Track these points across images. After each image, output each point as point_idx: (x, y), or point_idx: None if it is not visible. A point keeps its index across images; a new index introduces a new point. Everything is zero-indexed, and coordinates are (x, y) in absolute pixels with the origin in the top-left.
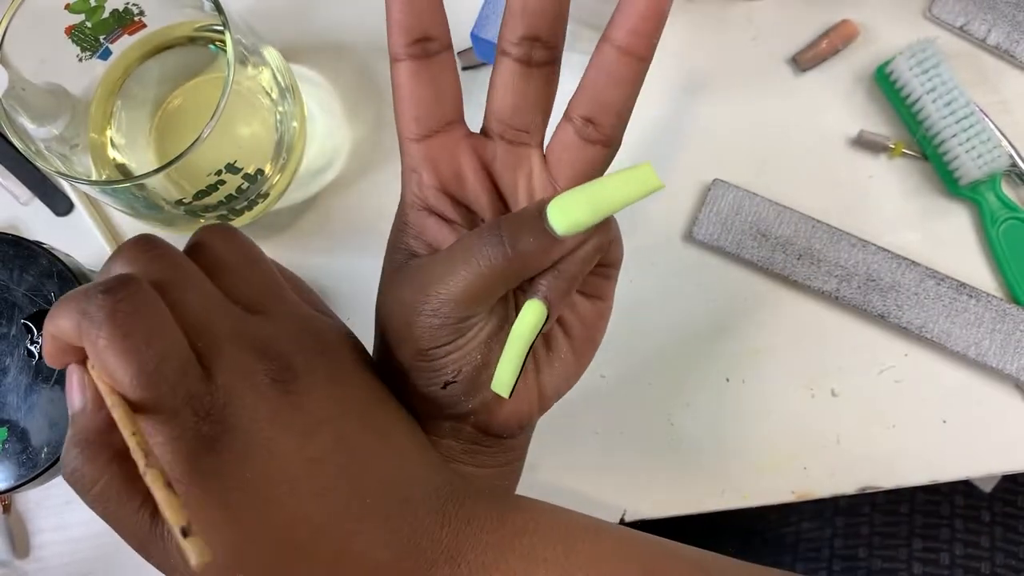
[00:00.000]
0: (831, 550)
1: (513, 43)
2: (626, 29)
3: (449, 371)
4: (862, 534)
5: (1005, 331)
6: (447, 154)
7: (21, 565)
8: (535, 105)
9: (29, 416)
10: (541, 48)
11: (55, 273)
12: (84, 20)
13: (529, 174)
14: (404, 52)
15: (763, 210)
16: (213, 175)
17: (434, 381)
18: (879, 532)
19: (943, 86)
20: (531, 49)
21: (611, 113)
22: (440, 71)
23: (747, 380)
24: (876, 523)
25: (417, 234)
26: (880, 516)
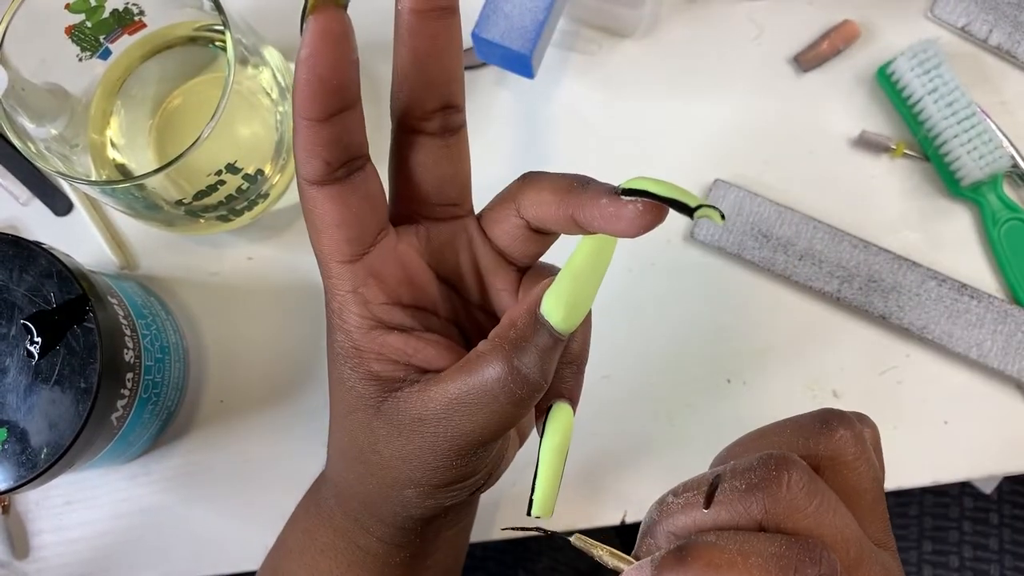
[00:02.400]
0: None
1: (424, 118)
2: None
3: (480, 481)
4: None
5: (1007, 332)
6: (387, 263)
7: (21, 565)
8: (459, 172)
9: (29, 417)
10: (454, 112)
11: (55, 273)
12: (84, 20)
13: (469, 245)
14: (327, 178)
15: (764, 211)
16: (213, 175)
17: (463, 495)
18: None
19: (944, 87)
20: (446, 118)
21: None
22: (368, 183)
23: (748, 381)
24: None
25: (378, 357)
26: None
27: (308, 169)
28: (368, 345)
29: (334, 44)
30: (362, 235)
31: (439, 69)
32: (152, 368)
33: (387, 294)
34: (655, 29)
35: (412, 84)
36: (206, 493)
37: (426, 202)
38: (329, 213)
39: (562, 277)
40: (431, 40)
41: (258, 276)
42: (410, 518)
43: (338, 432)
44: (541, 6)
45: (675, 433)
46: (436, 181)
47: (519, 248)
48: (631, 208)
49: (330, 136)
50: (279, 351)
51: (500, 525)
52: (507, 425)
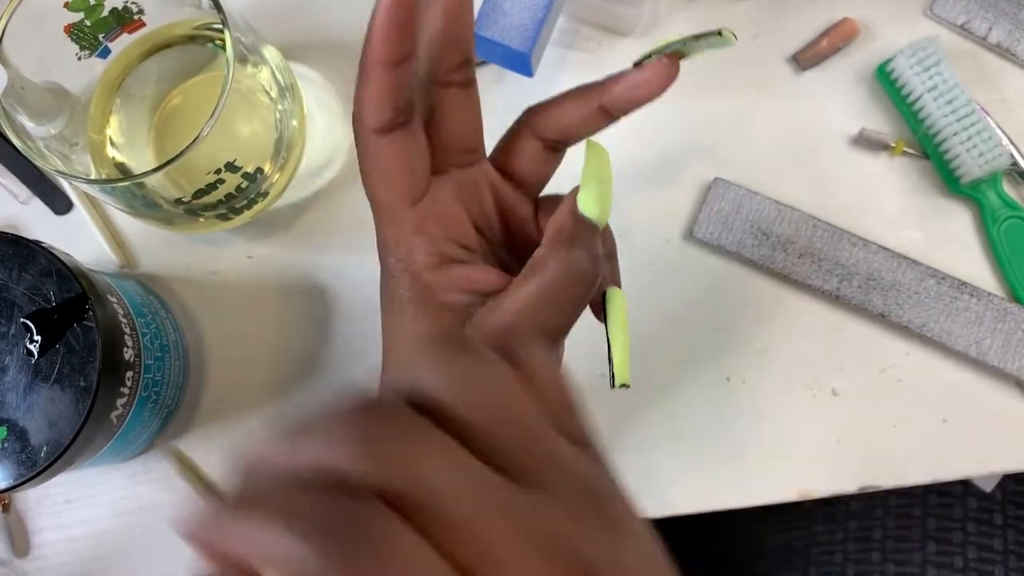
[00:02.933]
0: (844, 554)
1: (452, 71)
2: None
3: None
4: (875, 538)
5: (1006, 330)
6: (441, 204)
7: (21, 564)
8: (478, 119)
9: (28, 415)
10: (471, 65)
11: (54, 272)
12: (83, 19)
13: (491, 185)
14: (392, 124)
15: (764, 209)
16: (212, 174)
17: None
18: (892, 536)
19: (944, 84)
20: (468, 70)
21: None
22: (417, 130)
23: (748, 379)
24: (889, 527)
25: (449, 287)
26: (893, 520)
27: (379, 117)
28: (438, 279)
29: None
30: (422, 178)
31: (463, 26)
32: (152, 366)
33: (445, 231)
34: (654, 28)
35: (443, 41)
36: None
37: (453, 150)
38: (395, 159)
39: (586, 180)
40: (455, 4)
41: (258, 275)
42: None
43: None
44: (540, 4)
45: (674, 432)
46: (461, 130)
47: (537, 170)
48: (655, 66)
49: (401, 81)
50: (279, 350)
51: None
52: (577, 311)
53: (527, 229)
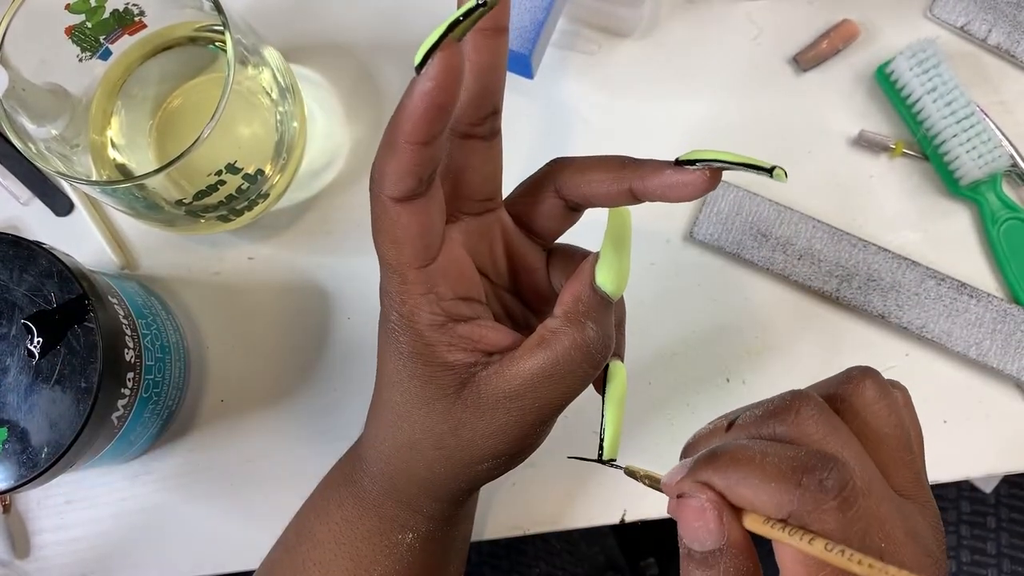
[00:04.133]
0: None
1: (477, 123)
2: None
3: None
4: None
5: (1006, 331)
6: (451, 261)
7: (21, 565)
8: (498, 169)
9: (29, 416)
10: (497, 116)
11: (55, 273)
12: (84, 20)
13: (503, 232)
14: (413, 194)
15: (763, 210)
16: (213, 175)
17: (525, 458)
18: None
19: (943, 86)
20: (494, 122)
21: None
22: (436, 193)
23: (747, 380)
24: None
25: (453, 347)
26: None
27: (400, 188)
28: (441, 339)
29: (456, 79)
30: (435, 242)
31: (494, 79)
32: (153, 368)
33: (453, 290)
34: (655, 29)
35: (472, 94)
36: (206, 493)
37: (469, 200)
38: (412, 226)
39: (606, 251)
40: (491, 55)
41: (258, 276)
42: (464, 492)
43: (405, 427)
44: (540, 6)
45: (674, 432)
46: (480, 180)
47: (555, 226)
48: (697, 175)
49: (429, 157)
50: (279, 351)
51: (494, 525)
52: (583, 387)
53: (536, 278)
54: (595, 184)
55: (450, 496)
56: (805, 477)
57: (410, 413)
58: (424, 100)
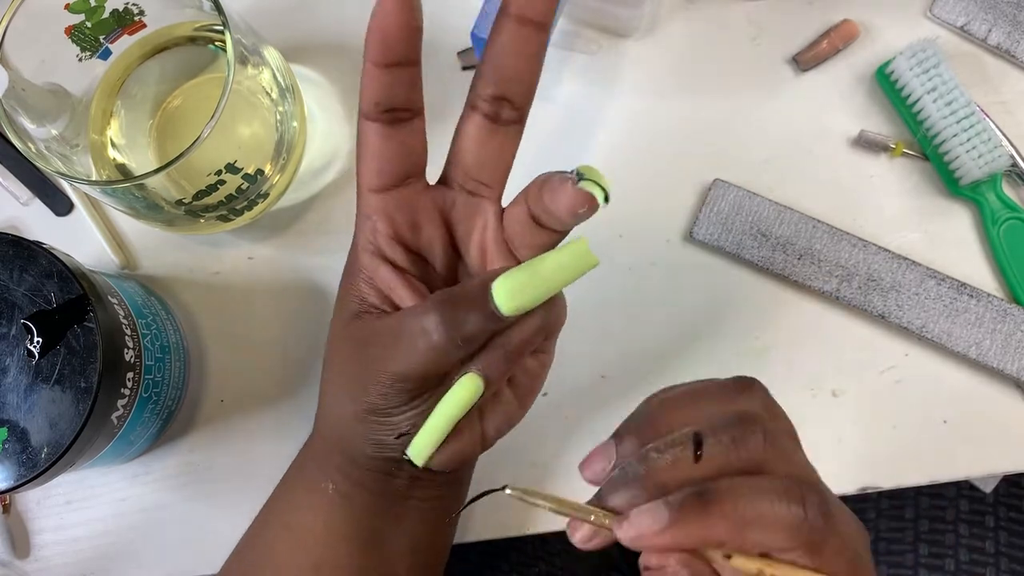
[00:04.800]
0: None
1: (483, 99)
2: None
3: (404, 426)
4: None
5: (1006, 331)
6: (404, 206)
7: (21, 565)
8: (498, 160)
9: (29, 416)
10: (509, 108)
11: (55, 273)
12: (84, 20)
13: (484, 227)
14: (375, 115)
15: (763, 210)
16: (213, 175)
17: (386, 433)
18: (884, 538)
19: (944, 86)
20: (500, 108)
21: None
22: (409, 135)
23: None
24: (881, 529)
25: (368, 279)
26: (885, 522)
27: (364, 105)
28: (366, 265)
29: (402, 10)
30: (391, 172)
31: (509, 66)
32: (152, 367)
33: (394, 230)
34: (655, 29)
35: (485, 69)
36: (206, 492)
37: (463, 172)
38: (370, 144)
39: (525, 264)
40: (515, 42)
41: (258, 276)
42: (362, 454)
43: (328, 348)
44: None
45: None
46: (475, 158)
47: (521, 235)
48: (571, 192)
49: (385, 80)
50: (279, 351)
51: (494, 525)
52: (421, 367)
53: None
54: (532, 190)
55: (350, 452)
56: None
57: (331, 332)
58: (375, 23)
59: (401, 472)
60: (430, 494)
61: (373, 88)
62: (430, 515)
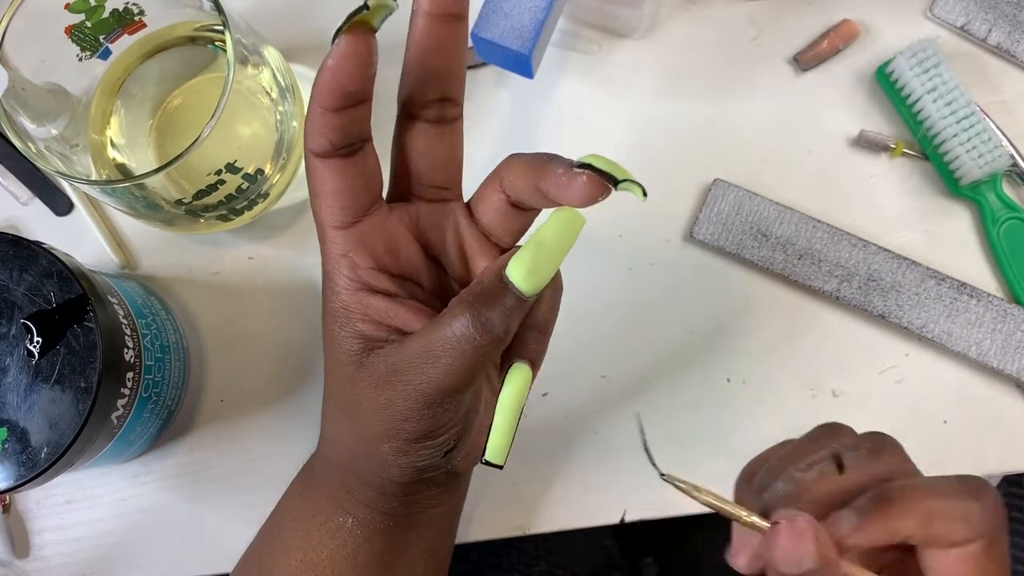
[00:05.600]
0: None
1: (423, 106)
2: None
3: (451, 442)
4: None
5: (1006, 331)
6: (377, 233)
7: (21, 565)
8: (450, 159)
9: (29, 416)
10: (451, 106)
11: (55, 273)
12: (84, 20)
13: (456, 227)
14: (330, 154)
15: (763, 210)
16: (213, 175)
17: (435, 455)
18: None
19: (944, 86)
20: (443, 109)
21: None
22: (365, 162)
23: (747, 380)
24: None
25: (363, 317)
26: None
27: (314, 144)
28: (355, 305)
29: (358, 62)
30: (355, 205)
31: (441, 66)
32: (152, 367)
33: (374, 260)
34: (655, 29)
35: (416, 75)
36: (206, 493)
37: (418, 183)
38: (328, 182)
39: (528, 244)
40: (438, 40)
41: (258, 276)
42: (390, 481)
43: (329, 390)
44: (540, 5)
45: (674, 432)
46: (429, 164)
47: (501, 223)
48: (580, 179)
49: (337, 123)
50: (279, 351)
51: (494, 525)
52: (469, 374)
53: None
54: (519, 177)
55: (376, 482)
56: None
57: (329, 376)
58: (328, 73)
59: (424, 486)
60: (443, 500)
61: (325, 130)
62: (443, 520)
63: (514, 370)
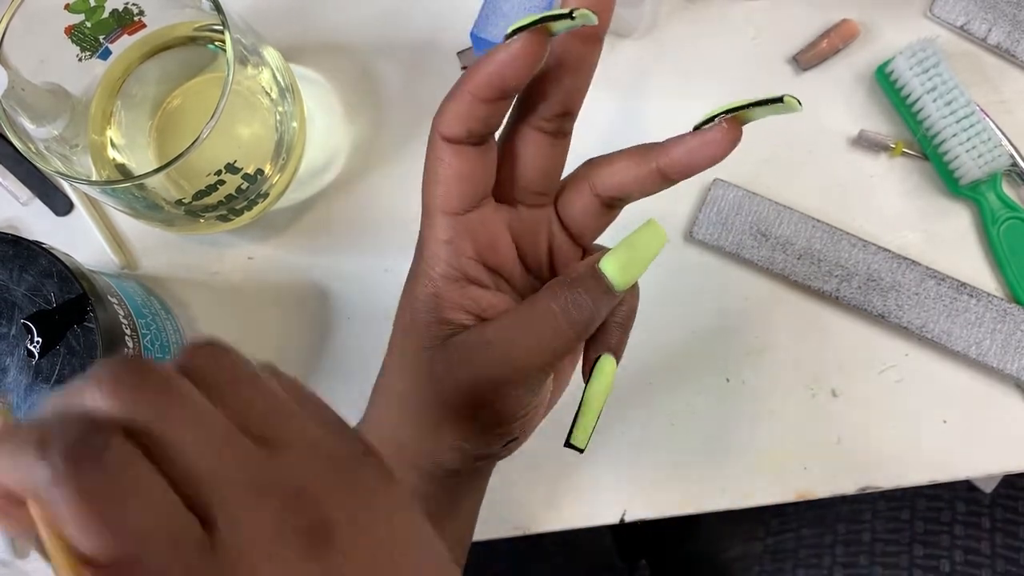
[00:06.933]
0: (832, 557)
1: (547, 119)
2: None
3: (516, 431)
4: (863, 541)
5: (1006, 331)
6: (484, 226)
7: (21, 565)
8: (557, 169)
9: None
10: (570, 119)
11: (55, 273)
12: (84, 20)
13: (549, 231)
14: (464, 140)
15: (763, 210)
16: (213, 175)
17: (498, 443)
18: (880, 539)
19: (943, 85)
20: (563, 123)
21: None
22: (490, 154)
23: (747, 380)
24: (877, 530)
25: (457, 306)
26: (881, 523)
27: (451, 129)
28: (449, 294)
29: (528, 63)
30: (472, 194)
31: (573, 83)
32: None
33: (476, 251)
34: (654, 29)
35: (547, 89)
36: None
37: (524, 189)
38: (452, 167)
39: (622, 245)
40: (576, 59)
41: (258, 276)
42: (440, 466)
43: (396, 375)
44: (539, 6)
45: (674, 432)
46: (536, 173)
47: (591, 223)
48: (716, 130)
49: (484, 114)
50: (280, 350)
51: (494, 525)
52: (556, 355)
53: None
54: (623, 170)
55: (426, 465)
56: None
57: (401, 360)
58: (496, 66)
59: (466, 474)
60: (475, 488)
61: (469, 117)
62: (469, 511)
63: (604, 360)
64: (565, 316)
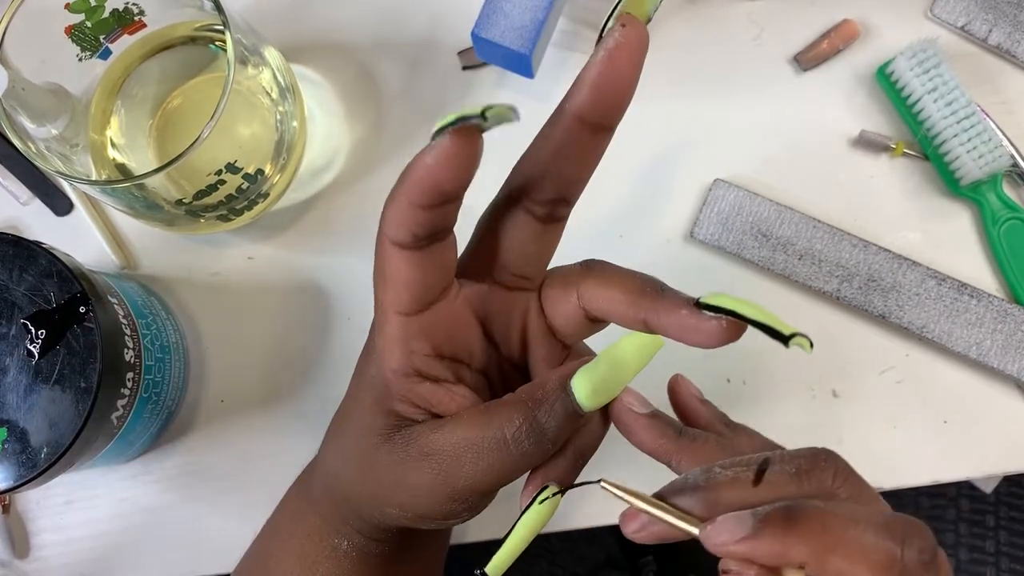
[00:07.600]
0: None
1: (536, 201)
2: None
3: (463, 519)
4: None
5: (1006, 331)
6: (442, 321)
7: (21, 565)
8: (544, 254)
9: (29, 416)
10: (564, 206)
11: (55, 273)
12: (84, 20)
13: (524, 317)
14: (410, 245)
15: (764, 210)
16: (213, 175)
17: (445, 525)
18: None
19: (944, 86)
20: (556, 208)
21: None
22: (445, 251)
23: (748, 381)
24: None
25: (407, 401)
26: None
27: (394, 234)
28: (398, 388)
29: (460, 165)
30: (425, 295)
31: (572, 171)
32: (152, 368)
33: (432, 347)
34: (655, 29)
35: (542, 171)
36: (206, 493)
37: (502, 269)
38: (401, 272)
39: (600, 361)
40: (581, 148)
41: (258, 276)
42: (385, 527)
43: (344, 437)
44: (540, 5)
45: None
46: (519, 256)
47: (572, 330)
48: (714, 324)
49: (425, 220)
50: (279, 351)
51: (494, 525)
52: (507, 476)
53: (541, 369)
54: (613, 301)
55: (373, 523)
56: (904, 548)
57: (348, 428)
58: (424, 170)
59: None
60: (436, 535)
61: (411, 223)
62: (437, 542)
63: (547, 495)
64: (517, 447)
